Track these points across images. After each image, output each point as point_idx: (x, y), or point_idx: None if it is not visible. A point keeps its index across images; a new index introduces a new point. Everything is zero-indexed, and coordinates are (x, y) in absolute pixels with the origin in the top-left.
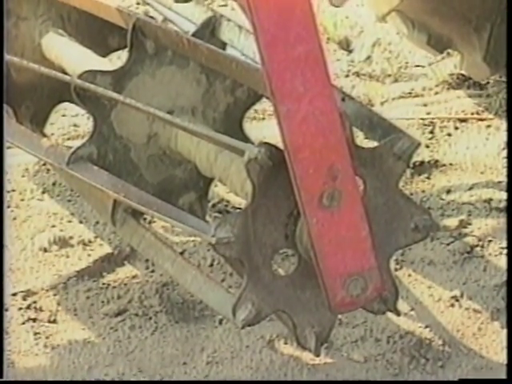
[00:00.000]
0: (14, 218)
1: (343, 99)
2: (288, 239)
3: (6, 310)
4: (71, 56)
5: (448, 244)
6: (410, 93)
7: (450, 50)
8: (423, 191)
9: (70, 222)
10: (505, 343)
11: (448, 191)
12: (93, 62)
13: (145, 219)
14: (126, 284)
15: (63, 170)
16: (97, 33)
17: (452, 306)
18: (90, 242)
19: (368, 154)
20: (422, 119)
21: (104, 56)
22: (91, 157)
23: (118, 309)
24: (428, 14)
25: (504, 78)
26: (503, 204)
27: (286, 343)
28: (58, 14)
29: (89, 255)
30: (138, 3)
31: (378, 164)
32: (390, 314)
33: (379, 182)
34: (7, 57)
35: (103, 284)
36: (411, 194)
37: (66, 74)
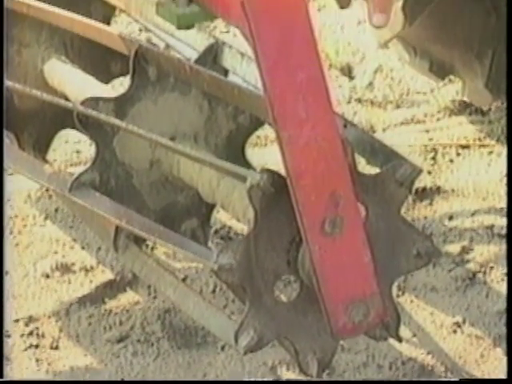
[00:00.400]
0: (17, 244)
1: (345, 125)
2: (290, 265)
3: (9, 336)
4: (74, 82)
5: (450, 270)
6: (411, 119)
7: (451, 77)
8: (425, 217)
9: (72, 248)
10: (506, 370)
11: (450, 217)
12: (95, 88)
13: (147, 245)
14: (128, 310)
15: (65, 196)
16: (99, 59)
17: (454, 332)
18: (92, 268)
19: (370, 181)
20: (424, 145)
21: (106, 82)
22: (93, 183)
23: (120, 335)
24: (430, 41)
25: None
26: (505, 230)
27: (288, 369)
28: (61, 41)
29: (91, 281)
30: (140, 30)
31: (380, 190)
32: (392, 341)
33: (381, 208)
34: (9, 83)
35: (105, 310)
36: (413, 220)
37: (68, 100)
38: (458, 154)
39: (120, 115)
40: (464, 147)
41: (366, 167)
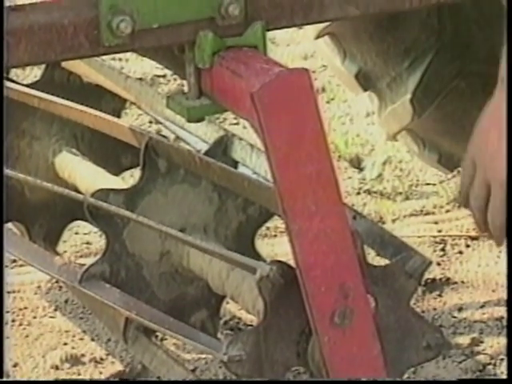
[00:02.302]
0: (27, 336)
1: (354, 217)
2: (300, 357)
3: None
4: (84, 175)
5: (460, 362)
6: (421, 210)
7: (460, 169)
8: (435, 309)
9: (81, 339)
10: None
11: (460, 309)
12: (106, 180)
13: (156, 336)
14: None
15: (75, 287)
16: (110, 152)
17: None
18: (101, 359)
19: (380, 272)
20: (434, 237)
21: (117, 175)
22: (104, 275)
23: None
24: (439, 134)
25: None
26: None
27: None
28: (72, 134)
29: (100, 373)
30: (150, 122)
31: (389, 282)
32: None
33: (391, 300)
34: (20, 175)
35: None
36: (423, 312)
37: (79, 192)
38: (468, 246)
39: (130, 207)
40: (473, 239)
41: (375, 259)
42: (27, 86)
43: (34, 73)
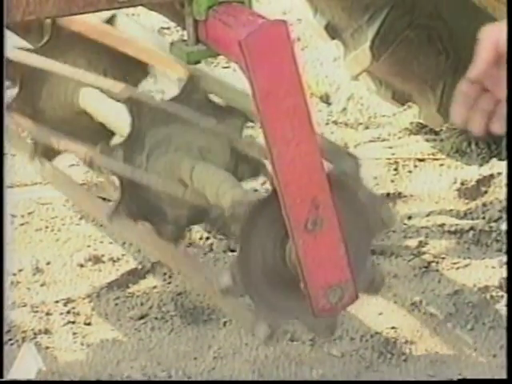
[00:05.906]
0: (57, 240)
1: None
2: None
3: (50, 314)
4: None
5: (409, 260)
6: (378, 137)
7: (410, 103)
8: None
9: (101, 242)
10: (456, 342)
11: (409, 217)
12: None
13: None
14: (147, 293)
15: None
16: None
17: (413, 310)
18: (118, 258)
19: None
20: (388, 159)
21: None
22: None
23: (140, 313)
24: (392, 75)
25: (454, 126)
26: (454, 228)
27: (277, 342)
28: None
29: (117, 270)
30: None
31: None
32: (362, 317)
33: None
34: None
35: (129, 293)
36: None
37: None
38: (416, 166)
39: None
40: (420, 160)
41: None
42: None
43: None
